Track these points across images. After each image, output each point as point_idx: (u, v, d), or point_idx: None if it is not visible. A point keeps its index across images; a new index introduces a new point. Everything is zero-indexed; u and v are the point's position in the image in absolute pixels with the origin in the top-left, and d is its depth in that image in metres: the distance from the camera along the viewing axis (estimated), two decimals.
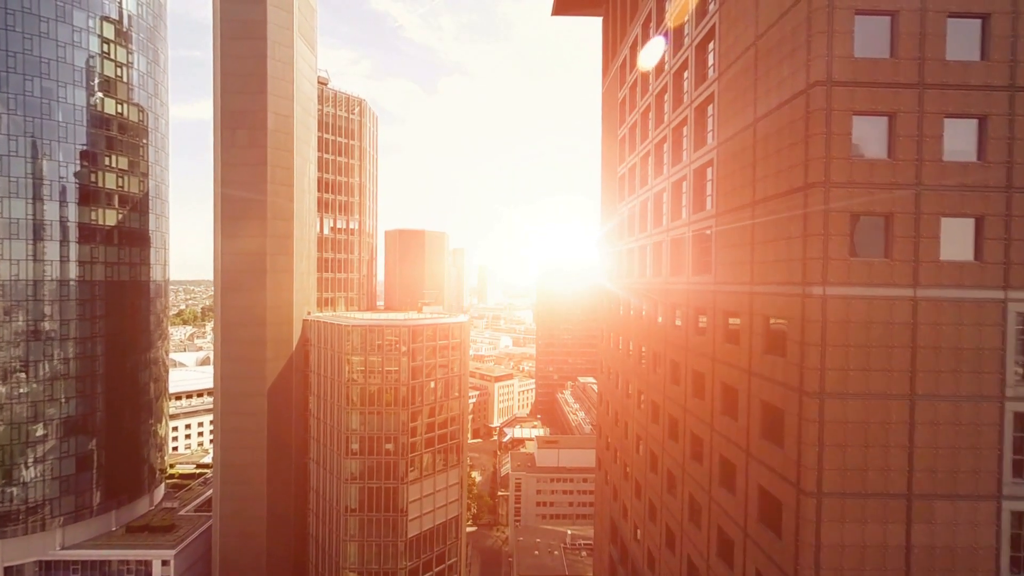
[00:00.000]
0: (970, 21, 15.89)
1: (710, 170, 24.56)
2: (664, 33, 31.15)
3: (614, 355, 42.92)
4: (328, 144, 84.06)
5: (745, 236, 20.13)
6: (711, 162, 23.97)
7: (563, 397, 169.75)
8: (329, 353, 69.61)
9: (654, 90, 33.02)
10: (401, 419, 66.94)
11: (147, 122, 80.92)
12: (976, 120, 15.89)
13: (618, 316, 42.09)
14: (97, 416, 74.68)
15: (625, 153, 40.91)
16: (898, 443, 15.89)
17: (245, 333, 68.09)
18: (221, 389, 68.54)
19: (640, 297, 35.63)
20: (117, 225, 75.79)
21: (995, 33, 15.74)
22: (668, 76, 30.13)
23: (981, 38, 15.87)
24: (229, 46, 67.04)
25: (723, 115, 22.49)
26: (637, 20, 36.81)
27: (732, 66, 21.66)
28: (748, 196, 19.93)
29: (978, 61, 15.84)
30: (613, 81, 45.29)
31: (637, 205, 36.83)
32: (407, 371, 66.76)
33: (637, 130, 37.32)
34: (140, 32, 78.88)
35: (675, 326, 28.57)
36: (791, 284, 16.87)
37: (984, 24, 15.87)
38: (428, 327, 69.13)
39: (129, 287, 77.83)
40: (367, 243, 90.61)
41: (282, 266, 70.37)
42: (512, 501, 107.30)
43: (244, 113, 67.46)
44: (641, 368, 34.94)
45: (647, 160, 35.26)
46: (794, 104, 16.84)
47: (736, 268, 20.94)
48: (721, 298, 22.46)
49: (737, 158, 20.94)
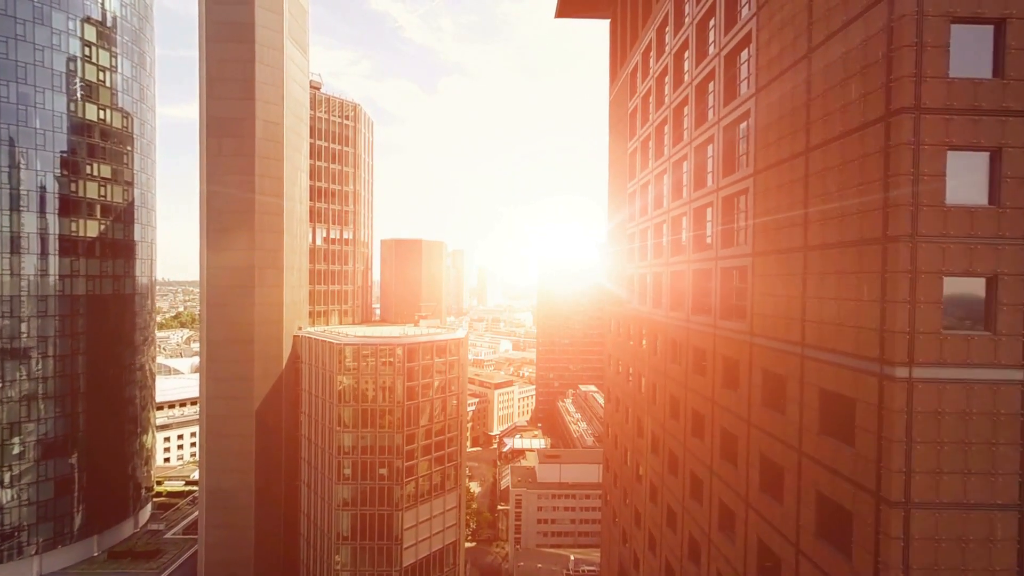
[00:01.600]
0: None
1: (743, 199, 21.24)
2: (684, 39, 27.81)
3: (629, 392, 39.58)
4: (321, 151, 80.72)
5: (793, 287, 16.79)
6: (745, 191, 20.64)
7: (564, 406, 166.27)
8: (320, 371, 66.24)
9: (671, 103, 29.69)
10: (396, 442, 63.56)
11: (132, 128, 77.63)
12: None
13: (628, 346, 38.77)
14: (78, 437, 71.33)
15: (636, 169, 37.58)
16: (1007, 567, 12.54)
17: (232, 351, 64.70)
18: (207, 410, 65.16)
19: (654, 330, 32.30)
20: (99, 236, 72.50)
21: None
22: (690, 88, 26.80)
23: None
24: (214, 50, 63.68)
25: (763, 137, 19.15)
26: (651, 24, 33.49)
27: (774, 82, 18.32)
28: (798, 240, 16.60)
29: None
30: (622, 89, 41.97)
31: (651, 228, 33.49)
32: (402, 391, 63.39)
33: (651, 145, 34.00)
34: (124, 34, 75.61)
35: (698, 372, 25.24)
36: (863, 359, 13.52)
37: None
38: (424, 344, 65.77)
39: (112, 300, 74.51)
40: (362, 253, 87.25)
41: (271, 280, 67.00)
42: (512, 518, 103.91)
43: (230, 120, 64.08)
44: (656, 411, 31.58)
45: (662, 179, 31.94)
46: (868, 134, 13.50)
47: (780, 322, 17.59)
48: (759, 353, 19.12)
49: (783, 191, 17.61)
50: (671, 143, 29.84)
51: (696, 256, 25.81)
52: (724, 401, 22.31)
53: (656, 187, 32.75)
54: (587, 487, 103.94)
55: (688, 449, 26.33)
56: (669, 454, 29.24)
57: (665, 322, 30.12)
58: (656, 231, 32.51)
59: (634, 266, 37.22)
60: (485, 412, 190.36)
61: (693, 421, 25.85)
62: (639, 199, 36.44)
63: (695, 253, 25.97)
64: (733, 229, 22.38)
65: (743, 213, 21.47)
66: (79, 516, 71.20)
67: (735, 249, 21.53)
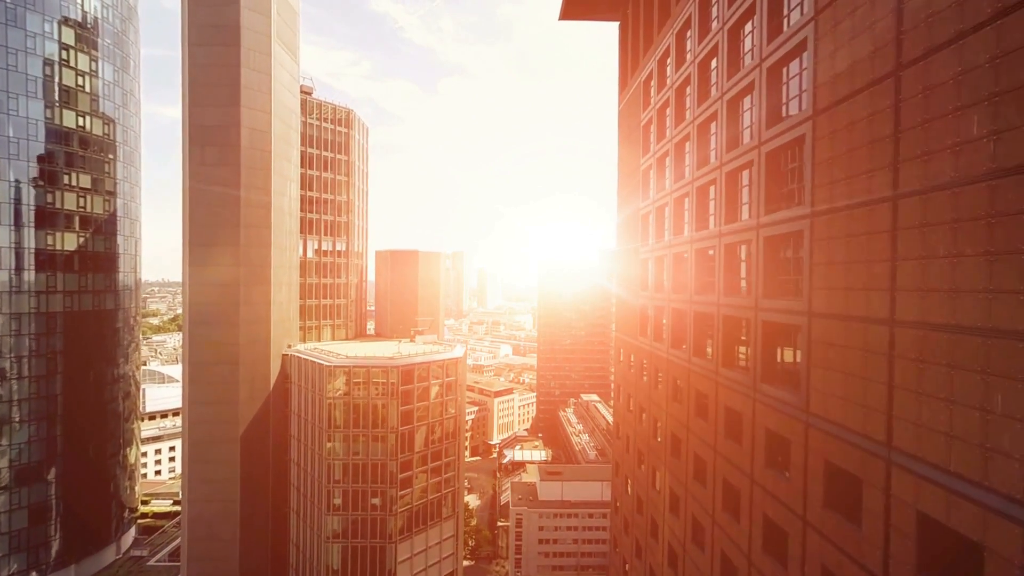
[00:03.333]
0: None
1: (794, 241, 17.57)
2: (711, 46, 24.14)
3: (645, 439, 35.86)
4: (312, 159, 77.06)
5: (874, 374, 13.09)
6: (799, 234, 16.94)
7: (565, 415, 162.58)
8: (310, 394, 62.59)
9: (695, 118, 26.01)
10: (390, 470, 59.91)
11: (114, 135, 74.07)
12: None
13: (642, 382, 35.09)
14: (56, 461, 67.73)
15: (650, 188, 33.90)
16: None
17: (215, 373, 61.04)
18: (189, 435, 61.48)
19: (674, 373, 28.63)
20: (78, 249, 68.93)
21: None
22: (719, 104, 23.12)
23: None
24: (197, 54, 60.07)
25: (824, 168, 15.46)
26: (670, 27, 29.81)
27: (841, 105, 14.64)
28: (884, 311, 12.91)
29: None
30: (634, 98, 38.29)
31: (668, 256, 29.81)
32: (396, 416, 59.73)
33: (669, 164, 30.31)
34: (106, 36, 72.06)
35: (729, 440, 21.55)
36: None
37: None
38: (420, 366, 62.12)
39: (92, 316, 70.90)
40: (356, 265, 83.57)
41: (258, 297, 63.34)
42: (512, 538, 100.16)
43: (214, 128, 60.46)
44: (678, 468, 27.86)
45: (683, 203, 28.26)
46: (1001, 184, 9.83)
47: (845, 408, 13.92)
48: (818, 441, 15.44)
49: (853, 247, 13.91)
50: (694, 164, 26.15)
51: (729, 300, 22.14)
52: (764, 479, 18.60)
53: (675, 211, 29.05)
54: (590, 505, 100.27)
55: (721, 526, 22.64)
56: (693, 521, 25.57)
57: (683, 370, 26.47)
58: (676, 261, 28.82)
59: (648, 298, 33.53)
60: (485, 421, 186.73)
61: (725, 493, 22.17)
62: (654, 223, 32.75)
63: (727, 296, 22.28)
64: (779, 280, 18.71)
65: (790, 255, 17.81)
66: (56, 544, 67.59)
67: (782, 303, 17.86)
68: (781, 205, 18.55)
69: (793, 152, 17.82)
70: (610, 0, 41.42)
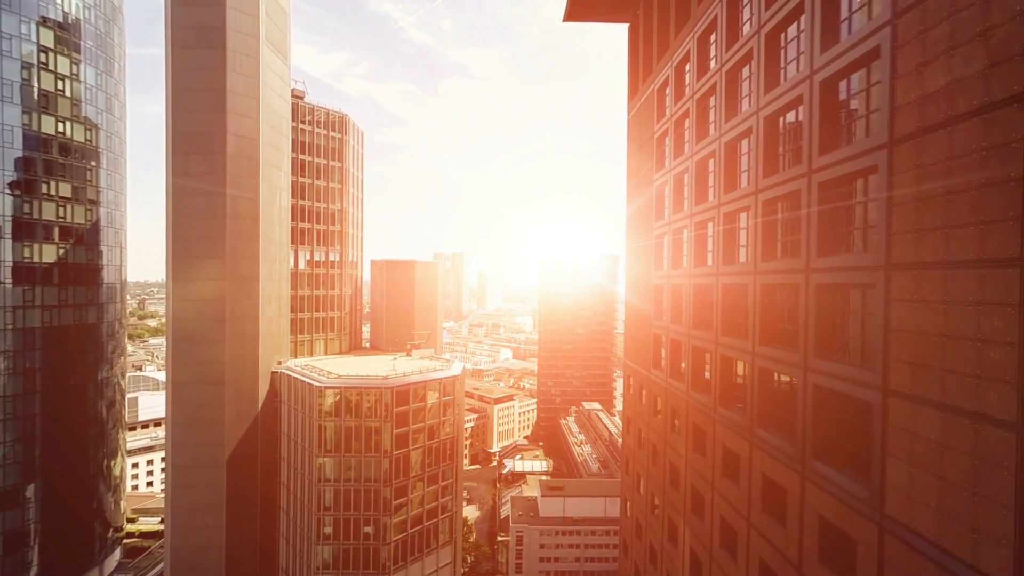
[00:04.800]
0: None
1: (857, 292, 14.45)
2: (744, 53, 20.99)
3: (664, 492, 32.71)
4: (304, 166, 73.92)
5: None
6: (870, 286, 13.78)
7: (566, 424, 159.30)
8: (300, 414, 59.44)
9: (721, 134, 22.86)
10: (383, 496, 56.76)
11: (97, 141, 70.94)
12: None
13: (655, 420, 31.92)
14: (34, 483, 64.57)
15: (665, 209, 30.77)
16: None
17: (200, 394, 57.89)
18: (172, 459, 58.34)
19: (696, 419, 25.47)
20: (58, 261, 65.74)
21: None
22: (754, 120, 19.96)
23: None
24: (180, 57, 56.95)
25: (908, 213, 12.30)
26: (690, 31, 26.65)
27: (937, 132, 11.47)
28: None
29: None
30: (646, 106, 35.15)
31: (688, 285, 26.66)
32: (390, 440, 56.61)
33: (688, 182, 27.18)
34: (88, 38, 68.93)
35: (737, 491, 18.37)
36: None
37: None
38: (416, 385, 58.98)
39: (73, 331, 67.75)
40: (350, 276, 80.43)
41: (245, 312, 60.20)
42: (513, 556, 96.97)
43: (199, 135, 57.34)
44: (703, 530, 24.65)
45: (706, 228, 25.14)
46: None
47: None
48: (895, 549, 12.27)
49: (952, 315, 10.76)
50: (720, 187, 22.99)
51: (767, 349, 18.98)
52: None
53: (694, 235, 25.90)
54: (593, 522, 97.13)
55: None
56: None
57: (700, 413, 23.32)
58: (700, 293, 25.67)
59: (663, 328, 30.35)
60: (485, 428, 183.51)
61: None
62: (669, 247, 29.60)
63: (767, 346, 19.12)
64: (837, 338, 15.57)
65: (850, 308, 14.68)
66: (34, 572, 64.41)
67: (850, 369, 14.69)
68: (840, 247, 15.40)
69: (855, 187, 14.66)
70: (619, 0, 38.30)
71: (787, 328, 18.16)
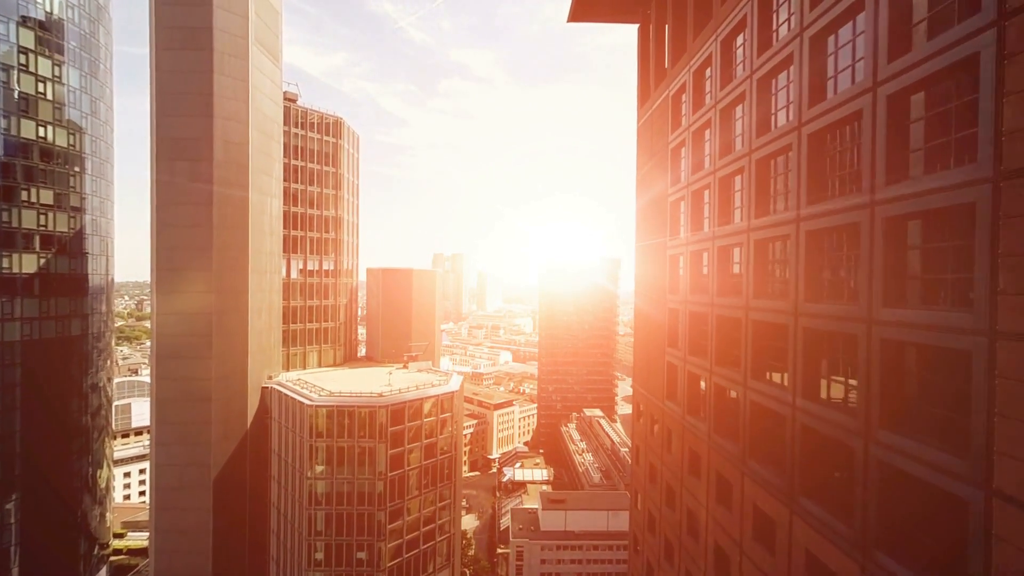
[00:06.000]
0: None
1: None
2: (781, 58, 18.28)
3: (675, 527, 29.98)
4: (297, 172, 71.21)
5: None
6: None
7: (567, 431, 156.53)
8: (291, 433, 56.74)
9: (752, 148, 20.17)
10: (377, 519, 54.05)
11: (81, 146, 68.17)
12: None
13: (668, 456, 29.20)
14: (14, 503, 61.82)
15: (681, 226, 28.09)
16: None
17: (185, 412, 55.20)
18: (156, 480, 55.66)
19: (719, 466, 22.77)
20: (39, 272, 62.95)
21: None
22: (795, 136, 17.27)
23: None
24: (165, 59, 54.26)
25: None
26: (712, 33, 23.95)
27: None
28: None
29: None
30: (659, 113, 32.46)
31: (712, 315, 23.97)
32: (385, 460, 53.92)
33: (709, 200, 24.51)
34: (71, 39, 66.15)
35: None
36: None
37: None
38: (412, 403, 56.29)
39: (56, 344, 65.00)
40: (345, 285, 77.70)
41: (233, 326, 57.50)
42: (513, 571, 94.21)
43: (184, 141, 54.65)
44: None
45: (730, 254, 22.48)
46: None
47: None
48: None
49: None
50: (750, 209, 20.29)
51: (818, 411, 16.28)
52: None
53: (717, 260, 23.21)
54: (595, 536, 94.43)
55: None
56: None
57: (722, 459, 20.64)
58: (728, 326, 22.99)
59: (678, 358, 27.65)
60: (484, 434, 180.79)
61: None
62: (687, 269, 26.90)
63: (807, 400, 16.41)
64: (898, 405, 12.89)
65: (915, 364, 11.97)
66: None
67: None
68: (900, 301, 12.72)
69: (954, 225, 11.96)
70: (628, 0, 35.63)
71: (847, 370, 15.47)
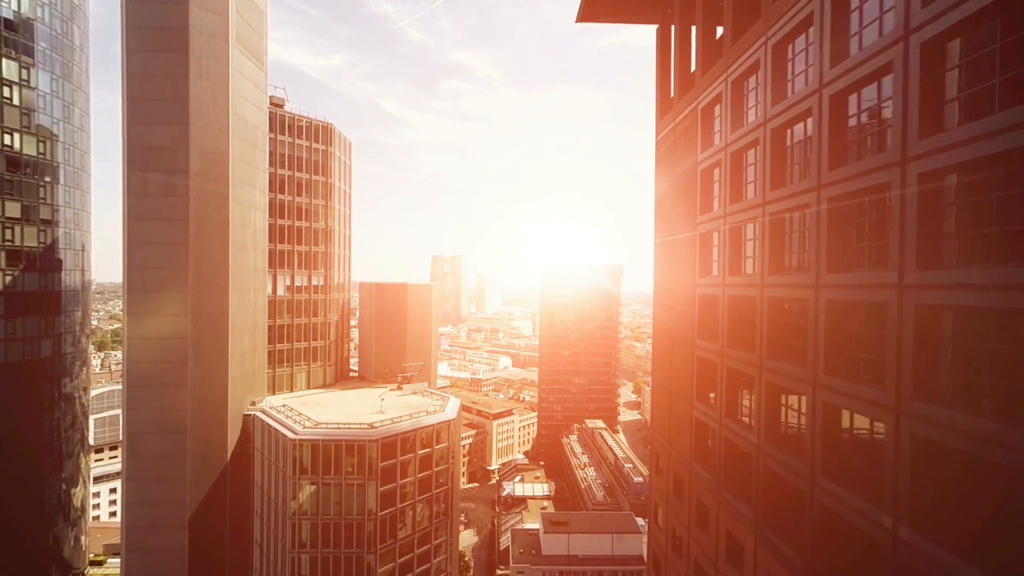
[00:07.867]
0: None
1: None
2: (881, 67, 14.01)
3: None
4: (284, 182, 66.91)
5: None
6: None
7: (569, 443, 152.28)
8: (274, 467, 52.43)
9: (823, 184, 15.90)
10: (367, 563, 49.73)
11: (53, 154, 63.75)
12: None
13: (692, 524, 24.91)
14: None
15: (714, 263, 23.84)
16: None
17: (158, 445, 50.85)
18: (127, 519, 51.25)
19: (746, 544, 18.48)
20: (4, 290, 58.58)
21: None
22: (896, 171, 12.99)
23: None
24: (137, 62, 49.97)
25: None
26: (761, 35, 19.66)
27: None
28: None
29: None
30: (684, 128, 28.20)
31: (759, 382, 19.66)
32: (375, 499, 49.63)
33: (757, 233, 20.26)
34: (41, 40, 61.75)
35: None
36: None
37: None
38: (406, 435, 52.00)
39: (25, 367, 60.64)
40: (336, 301, 73.38)
41: (212, 351, 53.18)
42: None
43: (157, 151, 50.35)
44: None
45: (783, 307, 18.18)
46: None
47: None
48: None
49: None
50: (820, 260, 16.00)
51: None
52: None
53: (767, 317, 18.93)
54: (599, 561, 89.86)
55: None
56: None
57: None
58: (774, 393, 18.71)
59: (702, 413, 23.37)
60: (483, 444, 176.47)
61: None
62: (723, 322, 22.62)
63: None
64: None
65: None
66: None
67: None
68: None
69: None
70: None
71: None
